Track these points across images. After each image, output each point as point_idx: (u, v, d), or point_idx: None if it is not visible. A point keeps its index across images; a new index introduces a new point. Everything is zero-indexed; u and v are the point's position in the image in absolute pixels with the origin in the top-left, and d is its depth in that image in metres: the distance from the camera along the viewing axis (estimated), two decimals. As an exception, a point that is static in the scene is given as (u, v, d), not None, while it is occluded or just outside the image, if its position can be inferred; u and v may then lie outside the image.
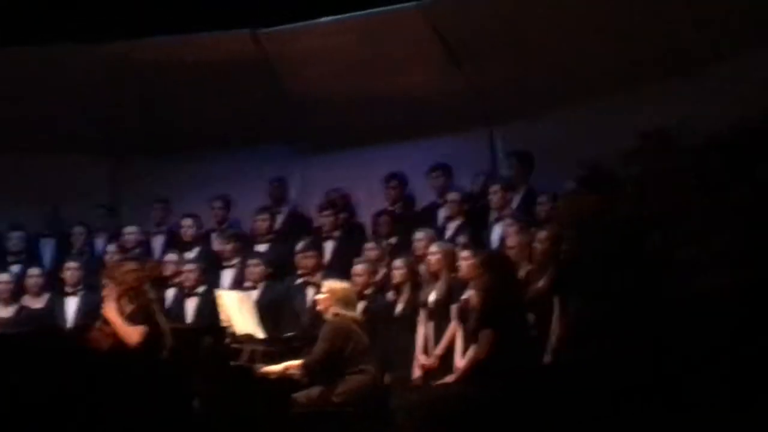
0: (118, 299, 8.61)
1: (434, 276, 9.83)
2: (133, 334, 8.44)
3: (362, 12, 11.56)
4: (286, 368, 9.15)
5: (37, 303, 11.36)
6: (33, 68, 12.22)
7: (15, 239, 12.12)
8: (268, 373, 9.21)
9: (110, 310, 8.56)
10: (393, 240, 11.05)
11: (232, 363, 9.45)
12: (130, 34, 12.10)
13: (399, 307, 10.10)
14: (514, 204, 10.67)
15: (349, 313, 9.04)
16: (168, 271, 11.29)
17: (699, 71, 10.06)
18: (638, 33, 10.28)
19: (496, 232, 10.47)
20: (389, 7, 11.46)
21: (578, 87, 10.91)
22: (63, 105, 12.53)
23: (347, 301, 9.06)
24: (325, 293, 9.11)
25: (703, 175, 8.00)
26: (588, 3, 10.39)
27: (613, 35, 10.43)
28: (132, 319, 8.54)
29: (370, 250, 10.66)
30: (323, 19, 11.75)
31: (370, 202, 11.90)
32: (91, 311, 10.18)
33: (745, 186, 7.97)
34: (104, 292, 8.75)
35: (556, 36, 10.72)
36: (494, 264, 8.62)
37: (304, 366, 9.00)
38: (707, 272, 7.47)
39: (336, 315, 9.00)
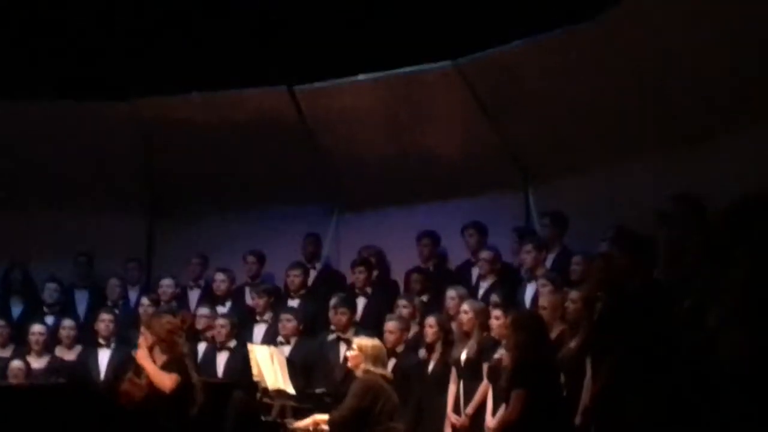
0: (151, 348, 8.64)
1: (466, 334, 9.81)
2: (166, 380, 8.45)
3: (399, 70, 11.62)
4: (314, 422, 9.13)
5: (69, 355, 11.41)
6: (69, 125, 12.37)
7: (51, 291, 12.20)
8: (296, 428, 9.20)
9: (143, 357, 8.57)
10: (425, 297, 11.05)
11: (262, 418, 9.44)
12: (167, 91, 12.22)
13: (431, 365, 10.08)
14: (548, 264, 10.65)
15: (379, 371, 9.01)
16: (200, 324, 11.32)
17: (733, 134, 10.02)
18: (673, 95, 10.26)
19: (529, 292, 10.44)
20: (425, 66, 11.51)
21: (613, 148, 10.89)
22: (100, 162, 12.65)
23: (377, 359, 9.03)
24: (356, 350, 9.09)
25: (733, 241, 7.94)
26: (623, 64, 10.39)
27: (647, 97, 10.42)
28: (165, 370, 8.55)
29: (403, 307, 10.66)
30: (360, 76, 11.82)
31: (404, 259, 11.91)
32: (123, 364, 10.18)
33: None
34: (139, 341, 8.79)
35: (591, 97, 10.73)
36: (526, 323, 8.56)
37: (331, 421, 8.98)
38: (735, 338, 7.40)
39: (366, 372, 8.97)
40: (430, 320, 10.14)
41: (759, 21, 9.42)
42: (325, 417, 9.05)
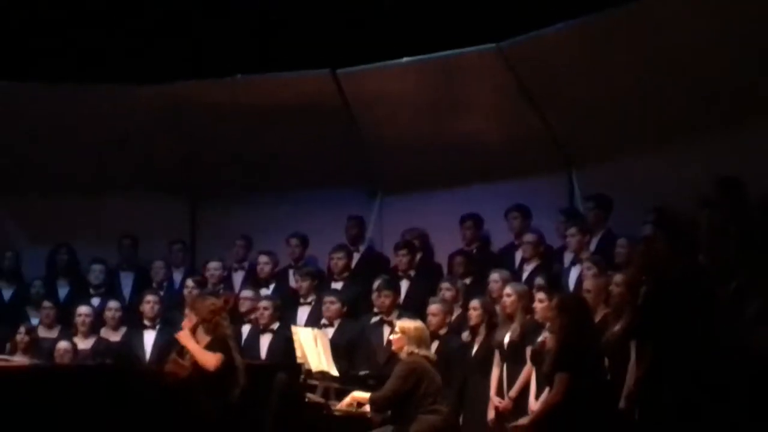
0: (194, 329, 8.71)
1: (509, 317, 9.80)
2: (211, 359, 8.51)
3: (441, 53, 11.60)
4: (353, 399, 9.19)
5: (114, 336, 11.49)
6: (114, 108, 12.42)
7: (96, 272, 12.29)
8: (338, 408, 9.25)
9: (186, 336, 8.64)
10: (468, 280, 11.05)
11: (305, 400, 9.49)
12: (210, 74, 12.26)
13: (475, 348, 10.08)
14: (592, 247, 10.62)
15: (423, 352, 9.05)
16: (244, 307, 11.37)
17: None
18: (718, 79, 10.20)
19: (573, 275, 10.42)
20: (468, 49, 11.49)
21: (657, 130, 10.85)
22: (144, 145, 12.72)
23: (421, 340, 9.07)
24: (399, 333, 9.12)
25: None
26: (665, 49, 10.34)
27: (691, 78, 10.37)
28: (208, 350, 8.61)
29: (446, 290, 10.66)
30: (403, 59, 11.81)
31: (447, 242, 11.91)
32: (168, 345, 10.26)
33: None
34: (184, 322, 8.86)
35: (633, 79, 10.68)
36: (570, 306, 8.54)
37: (372, 400, 9.03)
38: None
39: (410, 354, 9.01)
40: (474, 303, 10.14)
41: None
42: (365, 395, 9.10)
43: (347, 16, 11.84)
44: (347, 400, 9.28)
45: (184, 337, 8.69)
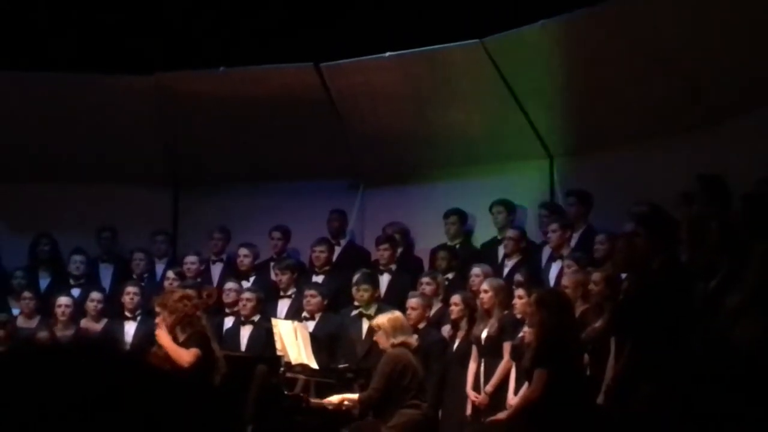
0: (172, 327, 8.68)
1: (487, 313, 9.81)
2: (185, 355, 8.49)
3: (425, 48, 11.60)
4: (342, 400, 9.17)
5: (95, 327, 11.45)
6: (96, 97, 12.37)
7: (77, 263, 12.26)
8: (322, 404, 9.24)
9: (163, 335, 8.63)
10: (450, 275, 11.05)
11: (285, 392, 9.48)
12: (194, 65, 12.24)
13: (456, 343, 10.08)
14: (573, 243, 10.64)
15: (403, 339, 9.03)
16: (229, 298, 11.37)
17: (756, 115, 9.97)
18: (701, 75, 10.22)
19: (553, 271, 10.43)
20: (452, 44, 11.49)
21: (638, 126, 10.87)
22: (127, 135, 12.68)
23: (398, 329, 9.03)
24: (379, 329, 9.10)
25: (753, 226, 7.91)
26: (646, 45, 10.35)
27: (672, 76, 10.38)
28: (186, 345, 8.60)
29: (426, 284, 10.66)
30: (387, 54, 11.80)
31: (428, 235, 11.92)
32: (148, 336, 10.23)
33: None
34: (157, 320, 8.84)
35: (615, 75, 10.70)
36: (549, 302, 8.54)
37: (360, 401, 9.01)
38: (750, 327, 7.38)
39: (394, 346, 8.99)
40: (455, 298, 10.13)
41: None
42: (354, 396, 9.10)
43: (332, 11, 11.83)
44: (336, 400, 9.26)
45: (160, 335, 8.67)
